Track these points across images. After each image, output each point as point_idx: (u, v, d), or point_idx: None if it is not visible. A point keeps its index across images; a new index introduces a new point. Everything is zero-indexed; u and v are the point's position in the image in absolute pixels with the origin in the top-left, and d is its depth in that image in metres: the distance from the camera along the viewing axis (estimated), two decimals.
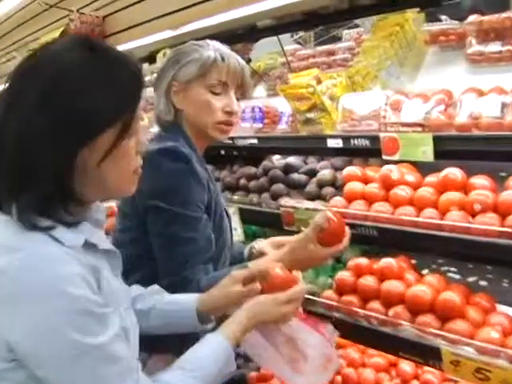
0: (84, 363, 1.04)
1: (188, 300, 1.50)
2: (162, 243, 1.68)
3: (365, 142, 2.08)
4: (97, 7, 3.44)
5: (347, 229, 1.74)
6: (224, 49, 1.84)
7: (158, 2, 2.85)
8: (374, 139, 2.02)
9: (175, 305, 1.51)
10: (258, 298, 1.38)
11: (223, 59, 1.79)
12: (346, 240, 1.72)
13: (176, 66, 1.81)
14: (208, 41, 1.85)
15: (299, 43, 3.78)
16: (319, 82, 2.24)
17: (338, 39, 3.39)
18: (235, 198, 2.63)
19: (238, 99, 1.87)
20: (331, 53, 2.89)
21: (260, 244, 1.98)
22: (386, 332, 1.94)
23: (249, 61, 3.15)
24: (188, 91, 1.80)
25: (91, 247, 1.16)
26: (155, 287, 1.57)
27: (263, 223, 2.64)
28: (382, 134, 1.99)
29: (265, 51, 3.23)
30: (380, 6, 2.43)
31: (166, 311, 1.50)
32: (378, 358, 2.37)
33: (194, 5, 2.61)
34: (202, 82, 1.79)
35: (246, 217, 2.53)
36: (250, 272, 1.46)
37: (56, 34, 3.49)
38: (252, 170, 2.73)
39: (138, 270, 1.66)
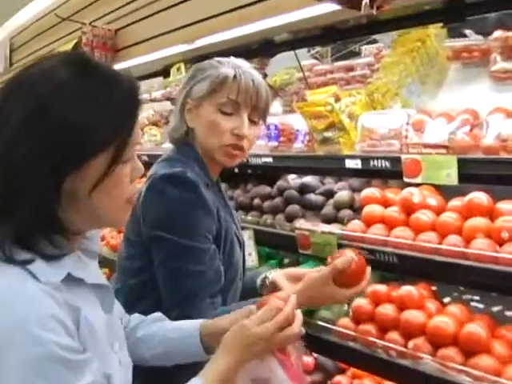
0: None
1: (191, 325, 1.41)
2: (167, 275, 1.59)
3: (385, 164, 1.98)
4: (109, 20, 3.39)
5: (368, 269, 1.61)
6: (244, 66, 1.72)
7: (170, 16, 2.79)
8: (395, 160, 1.92)
9: (178, 331, 1.41)
10: (250, 331, 1.22)
11: (235, 77, 1.67)
12: (365, 282, 1.60)
13: (191, 83, 1.73)
14: (232, 58, 1.75)
15: (316, 58, 3.69)
16: (338, 99, 2.15)
17: (355, 54, 3.30)
18: (249, 218, 2.54)
19: (254, 122, 1.73)
20: (350, 68, 2.81)
21: (274, 275, 1.87)
22: (405, 365, 1.82)
23: (265, 76, 3.07)
24: (199, 109, 1.71)
25: (75, 282, 1.05)
26: (158, 314, 1.48)
27: (277, 245, 2.54)
28: (403, 156, 1.89)
29: (281, 66, 3.15)
30: (400, 21, 2.34)
31: (169, 338, 1.40)
32: None
33: (207, 18, 2.54)
34: (212, 100, 1.68)
35: (260, 238, 2.44)
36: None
37: (69, 46, 3.44)
38: (267, 189, 2.64)
39: (142, 300, 1.57)
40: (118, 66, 3.40)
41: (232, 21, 2.45)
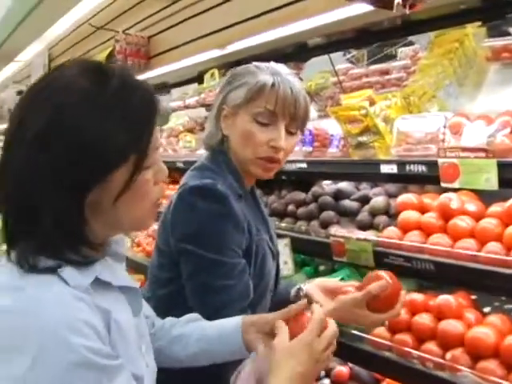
0: None
1: (231, 322, 1.38)
2: (195, 289, 1.56)
3: (421, 168, 1.91)
4: (142, 28, 3.40)
5: (403, 293, 1.58)
6: (283, 73, 1.64)
7: (202, 22, 2.78)
8: (432, 165, 1.86)
9: (217, 328, 1.38)
10: (289, 349, 1.18)
11: (273, 85, 1.59)
12: (399, 306, 1.56)
13: (227, 88, 1.67)
14: (272, 63, 1.69)
15: (352, 62, 3.64)
16: (372, 103, 2.10)
17: (392, 57, 3.24)
18: (283, 225, 2.50)
19: (291, 133, 1.66)
20: (385, 72, 2.75)
21: (308, 287, 1.82)
22: (443, 377, 1.75)
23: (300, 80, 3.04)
24: (235, 117, 1.64)
25: (103, 285, 1.04)
26: (194, 314, 1.45)
27: (312, 253, 2.49)
28: (440, 160, 1.83)
29: (316, 70, 3.11)
30: (436, 21, 2.27)
31: (207, 336, 1.37)
32: None
33: (238, 23, 2.52)
34: (248, 108, 1.61)
35: (294, 245, 2.40)
36: None
37: (104, 54, 3.48)
38: (301, 195, 2.60)
39: (172, 311, 1.52)
40: (151, 73, 3.43)
41: (262, 24, 2.42)
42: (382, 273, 1.57)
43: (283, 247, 2.26)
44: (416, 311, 1.96)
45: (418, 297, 2.00)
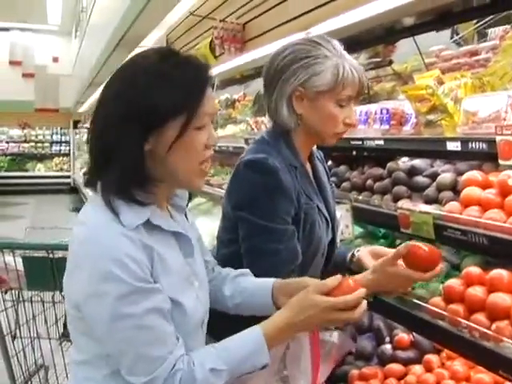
0: (118, 326, 1.23)
1: (267, 281, 1.60)
2: (247, 251, 1.78)
3: (482, 146, 1.98)
4: (239, 15, 3.63)
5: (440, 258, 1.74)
6: (351, 59, 1.80)
7: (291, 5, 2.93)
8: (491, 143, 1.92)
9: (255, 283, 1.61)
10: (314, 299, 1.36)
11: (358, 75, 1.77)
12: (438, 268, 1.71)
13: (307, 72, 1.75)
14: (332, 41, 1.80)
15: (459, 44, 3.62)
16: (441, 82, 2.17)
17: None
18: (360, 198, 2.64)
19: None
20: (474, 53, 2.75)
21: (361, 253, 1.99)
22: (487, 347, 1.83)
23: (390, 62, 3.12)
24: (315, 101, 1.78)
25: (154, 228, 1.32)
26: (245, 270, 1.68)
27: (382, 224, 2.61)
28: (498, 137, 1.88)
29: (408, 52, 3.15)
30: None
31: (246, 289, 1.60)
32: (485, 375, 2.22)
33: (323, 5, 2.62)
34: (333, 95, 1.76)
35: (366, 217, 2.53)
36: None
37: (207, 40, 3.77)
38: (379, 171, 2.72)
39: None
40: (246, 56, 3.64)
41: (346, 4, 2.51)
42: (419, 243, 1.72)
43: (345, 212, 2.41)
44: (471, 283, 2.03)
45: (474, 270, 2.06)
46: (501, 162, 1.89)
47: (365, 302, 1.38)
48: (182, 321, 1.33)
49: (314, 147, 2.00)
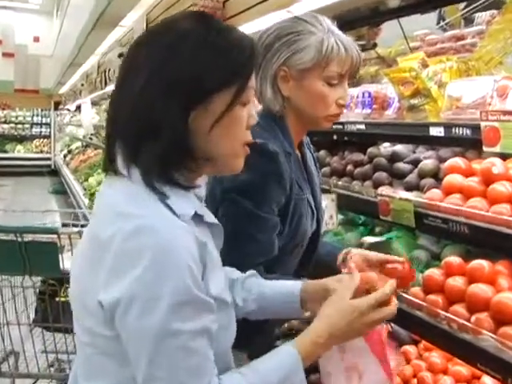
0: (163, 345, 1.02)
1: (291, 284, 1.46)
2: (227, 234, 1.65)
3: (466, 131, 1.91)
4: None
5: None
6: (341, 34, 1.68)
7: None
8: (475, 129, 1.85)
9: (276, 288, 1.46)
10: (353, 304, 1.26)
11: (346, 49, 1.64)
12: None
13: (289, 50, 1.65)
14: (319, 17, 1.70)
15: (445, 30, 3.55)
16: (425, 65, 2.10)
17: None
18: (339, 183, 2.57)
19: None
20: (460, 38, 2.68)
21: (354, 261, 1.87)
22: (466, 339, 1.77)
23: (374, 45, 3.04)
24: (301, 80, 1.67)
25: (198, 219, 1.17)
26: (252, 271, 1.52)
27: (362, 211, 2.55)
28: (482, 123, 1.82)
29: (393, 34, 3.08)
30: None
31: (265, 294, 1.45)
32: (463, 368, 2.17)
33: None
34: (319, 72, 1.65)
35: (345, 204, 2.47)
36: None
37: None
38: (360, 156, 2.65)
39: None
40: None
41: None
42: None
43: (330, 202, 2.33)
44: (451, 273, 1.97)
45: (454, 259, 2.00)
46: (485, 148, 1.83)
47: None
48: (227, 324, 1.21)
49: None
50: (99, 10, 5.70)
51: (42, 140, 18.43)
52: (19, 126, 18.24)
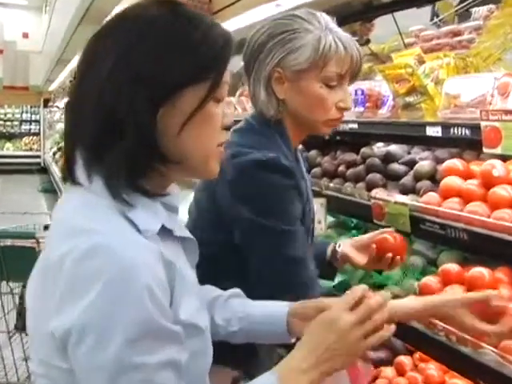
0: (122, 379, 0.87)
1: (278, 304, 1.33)
2: (263, 261, 1.51)
3: (465, 132, 1.80)
4: None
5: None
6: (340, 31, 1.55)
7: None
8: (475, 129, 1.74)
9: (262, 309, 1.33)
10: (334, 317, 1.08)
11: (345, 47, 1.51)
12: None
13: (283, 49, 1.52)
14: (316, 14, 1.56)
15: (439, 27, 3.45)
16: (421, 62, 1.99)
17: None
18: (331, 185, 2.45)
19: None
20: (457, 33, 2.57)
21: (344, 248, 1.81)
22: (465, 353, 1.67)
23: (367, 42, 2.93)
24: (297, 82, 1.54)
25: (166, 233, 1.03)
26: (236, 290, 1.39)
27: (355, 214, 2.44)
28: (483, 123, 1.71)
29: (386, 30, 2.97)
30: None
31: (250, 316, 1.32)
32: (460, 381, 2.06)
33: None
34: (316, 73, 1.52)
35: (337, 206, 2.36)
36: None
37: None
38: (352, 156, 2.54)
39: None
40: None
41: None
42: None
43: (319, 206, 2.22)
44: (449, 282, 1.87)
45: (452, 267, 1.90)
46: (485, 150, 1.72)
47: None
48: (202, 351, 1.07)
49: None
50: (85, 5, 5.58)
51: (31, 137, 18.21)
52: (8, 123, 18.02)
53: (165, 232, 1.02)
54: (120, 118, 0.95)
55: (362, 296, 1.09)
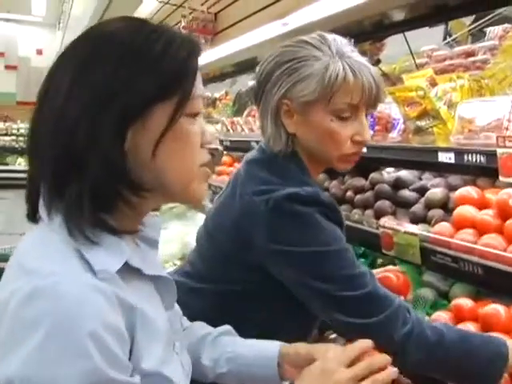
0: None
1: (270, 344, 1.22)
2: (333, 286, 1.36)
3: (480, 159, 1.69)
4: (209, 4, 3.30)
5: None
6: (354, 56, 1.42)
7: None
8: (491, 156, 1.64)
9: (253, 348, 1.22)
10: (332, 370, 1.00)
11: (354, 75, 1.38)
12: None
13: (289, 79, 1.41)
14: (328, 38, 1.44)
15: (452, 47, 3.35)
16: (433, 84, 1.89)
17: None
18: None
19: (366, 115, 1.48)
20: (470, 54, 2.48)
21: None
22: None
23: (378, 62, 2.83)
24: (306, 115, 1.42)
25: (132, 272, 0.92)
26: (227, 327, 1.29)
27: (363, 243, 2.32)
28: (499, 150, 1.60)
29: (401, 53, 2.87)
30: None
31: (240, 355, 1.21)
32: None
33: None
34: (325, 105, 1.40)
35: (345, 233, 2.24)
36: None
37: None
38: (361, 181, 2.42)
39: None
40: (218, 49, 3.32)
41: None
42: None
43: None
44: (462, 318, 1.76)
45: (466, 302, 1.79)
46: (502, 178, 1.61)
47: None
48: None
49: None
50: (95, 22, 5.54)
51: None
52: (20, 138, 18.10)
53: (130, 271, 0.91)
54: (81, 145, 0.86)
55: (364, 352, 0.98)
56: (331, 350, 1.07)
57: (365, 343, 1.03)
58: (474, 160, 1.71)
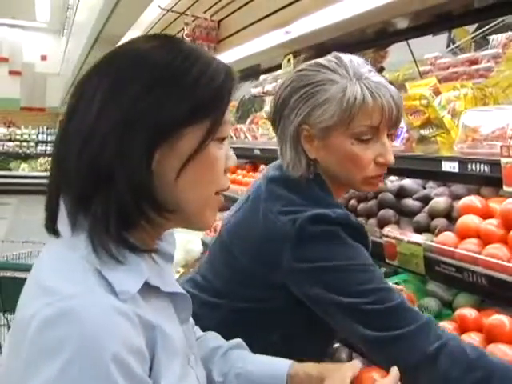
0: None
1: (280, 362, 1.21)
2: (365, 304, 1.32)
3: (484, 168, 1.68)
4: (214, 11, 3.30)
5: None
6: (372, 77, 1.39)
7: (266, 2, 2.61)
8: (495, 165, 1.63)
9: (263, 365, 1.21)
10: None
11: (373, 97, 1.36)
12: None
13: (306, 105, 1.39)
14: (344, 60, 1.42)
15: (455, 54, 3.35)
16: (437, 93, 1.88)
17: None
18: None
19: (389, 135, 1.46)
20: (474, 61, 2.47)
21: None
22: None
23: (381, 70, 2.83)
24: (326, 140, 1.40)
25: (150, 290, 0.92)
26: (238, 341, 1.26)
27: None
28: (503, 160, 1.59)
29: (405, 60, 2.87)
30: None
31: (249, 371, 1.19)
32: None
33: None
34: (344, 129, 1.38)
35: None
36: None
37: None
38: None
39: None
40: (221, 57, 3.32)
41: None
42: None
43: None
44: (466, 329, 1.74)
45: (470, 313, 1.77)
46: (506, 188, 1.60)
47: None
48: None
49: None
50: (97, 29, 5.59)
51: (47, 158, 18.29)
52: (24, 143, 18.14)
53: (149, 289, 0.91)
54: (109, 162, 0.86)
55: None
56: (340, 370, 1.07)
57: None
58: (478, 169, 1.70)
